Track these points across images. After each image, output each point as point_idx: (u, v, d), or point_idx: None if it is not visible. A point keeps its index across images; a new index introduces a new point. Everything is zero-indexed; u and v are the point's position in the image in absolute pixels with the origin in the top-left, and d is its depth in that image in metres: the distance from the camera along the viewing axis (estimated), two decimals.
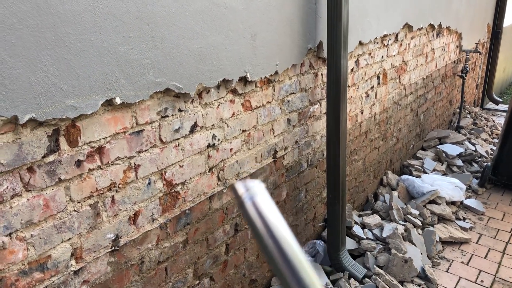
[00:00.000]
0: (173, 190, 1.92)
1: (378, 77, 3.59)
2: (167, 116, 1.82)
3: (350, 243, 3.07)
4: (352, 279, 2.77)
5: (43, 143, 1.40)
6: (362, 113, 3.44)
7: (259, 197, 0.65)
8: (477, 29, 6.17)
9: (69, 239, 1.53)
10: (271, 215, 0.65)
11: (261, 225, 0.67)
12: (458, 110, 6.05)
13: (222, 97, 2.08)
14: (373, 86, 3.53)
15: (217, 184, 2.16)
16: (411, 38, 4.04)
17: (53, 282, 1.51)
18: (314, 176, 3.00)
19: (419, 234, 3.29)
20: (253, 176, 2.39)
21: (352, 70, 3.15)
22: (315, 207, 3.10)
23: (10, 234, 1.36)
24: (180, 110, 1.87)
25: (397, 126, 4.17)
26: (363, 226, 3.30)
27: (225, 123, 2.13)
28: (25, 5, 1.27)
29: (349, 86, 3.15)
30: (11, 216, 1.35)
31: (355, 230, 3.16)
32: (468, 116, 6.19)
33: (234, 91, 2.13)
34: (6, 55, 1.24)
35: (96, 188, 1.59)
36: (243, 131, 2.26)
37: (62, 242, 1.51)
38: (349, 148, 3.33)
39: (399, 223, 3.35)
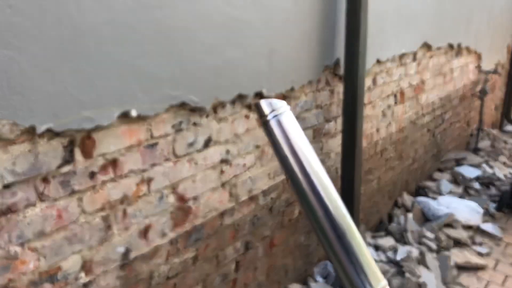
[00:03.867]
0: (185, 205, 1.91)
1: (395, 96, 3.56)
2: (182, 129, 1.81)
3: None
4: None
5: (59, 153, 1.40)
6: (378, 131, 3.40)
7: (284, 116, 0.60)
8: (496, 50, 6.11)
9: (80, 251, 1.53)
10: (297, 136, 0.59)
11: (286, 146, 0.62)
12: (476, 131, 5.96)
13: (237, 112, 2.07)
14: (390, 105, 3.49)
15: (229, 200, 2.14)
16: (430, 57, 4.01)
17: None
18: None
19: (434, 258, 3.21)
20: (265, 193, 2.37)
21: (368, 88, 3.13)
22: None
23: (22, 244, 1.36)
24: (195, 124, 1.87)
25: (414, 146, 4.12)
26: (377, 248, 3.23)
27: (239, 138, 2.12)
28: (48, 18, 1.28)
29: (365, 104, 3.12)
30: (24, 226, 1.35)
31: None
32: (486, 138, 6.09)
33: (249, 107, 2.13)
34: (27, 66, 1.26)
35: (109, 201, 1.59)
36: (257, 147, 2.24)
37: (72, 253, 1.51)
38: (363, 167, 3.29)
39: (414, 246, 3.28)
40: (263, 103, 0.60)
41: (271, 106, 0.59)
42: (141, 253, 1.75)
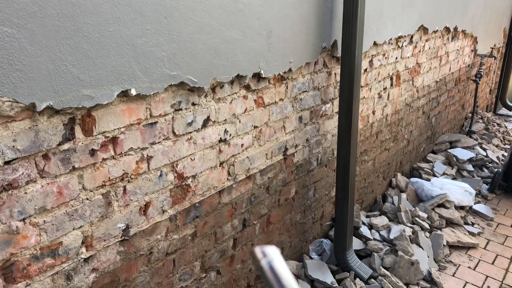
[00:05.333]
0: (184, 183, 1.93)
1: (391, 79, 3.57)
2: (181, 109, 1.83)
3: (357, 243, 3.07)
4: (357, 279, 2.77)
5: (59, 131, 1.41)
6: (374, 114, 3.43)
7: (275, 262, 0.71)
8: (493, 34, 6.11)
9: (81, 227, 1.56)
10: (287, 279, 0.71)
11: (278, 285, 0.73)
12: (470, 114, 6.01)
13: (235, 93, 2.08)
14: (385, 87, 3.51)
15: (227, 178, 2.17)
16: (426, 41, 4.02)
17: (63, 268, 1.53)
18: (324, 175, 3.00)
19: (427, 237, 3.28)
20: (263, 172, 2.40)
21: (365, 70, 3.14)
22: (323, 206, 3.10)
23: (23, 220, 1.38)
24: (193, 104, 1.88)
25: (409, 128, 4.16)
26: (371, 227, 3.29)
27: (237, 118, 2.14)
28: None
29: (362, 87, 3.14)
30: (25, 201, 1.37)
31: (362, 231, 3.16)
32: (480, 121, 6.14)
33: (247, 87, 2.14)
34: (26, 43, 1.26)
35: (109, 178, 1.61)
36: (255, 127, 2.26)
37: (73, 229, 1.53)
38: (359, 148, 3.33)
39: (407, 225, 3.34)
40: (257, 250, 0.71)
41: (263, 253, 0.70)
42: (141, 229, 1.78)
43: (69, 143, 1.46)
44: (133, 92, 1.59)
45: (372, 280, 2.81)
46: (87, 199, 1.56)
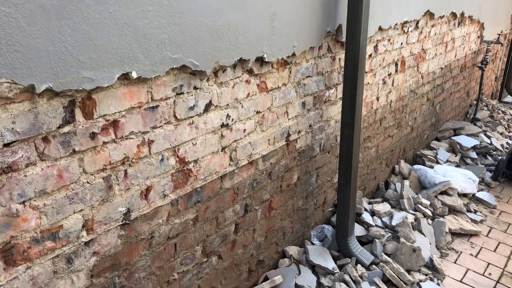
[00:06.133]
0: (185, 168, 1.92)
1: (396, 64, 3.53)
2: (183, 93, 1.81)
3: (358, 230, 3.07)
4: (359, 265, 2.77)
5: (59, 113, 1.40)
6: (378, 100, 3.40)
7: None
8: (500, 20, 6.02)
9: (81, 210, 1.55)
10: None
11: None
12: (475, 102, 5.95)
13: (238, 77, 2.06)
14: (390, 73, 3.47)
15: (229, 164, 2.16)
16: (432, 26, 3.96)
17: (64, 251, 1.53)
18: (326, 161, 2.98)
19: (429, 224, 3.27)
20: (265, 158, 2.38)
21: (370, 55, 3.10)
22: (325, 192, 3.09)
23: (23, 202, 1.37)
24: (195, 88, 1.86)
25: (413, 115, 4.12)
26: (373, 213, 3.29)
27: (240, 103, 2.11)
28: None
29: (366, 72, 3.10)
30: (25, 184, 1.36)
31: (364, 217, 3.15)
32: (485, 108, 6.09)
33: (250, 72, 2.11)
34: (24, 23, 1.24)
35: (110, 161, 1.60)
36: (257, 112, 2.24)
37: (74, 213, 1.53)
38: (362, 134, 3.30)
39: (409, 212, 3.33)
40: None
41: None
42: (142, 213, 1.77)
43: (69, 126, 1.44)
44: (134, 75, 1.57)
45: (374, 266, 2.81)
46: (88, 182, 1.55)
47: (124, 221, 1.71)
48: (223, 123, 2.05)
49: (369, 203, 3.46)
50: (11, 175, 1.33)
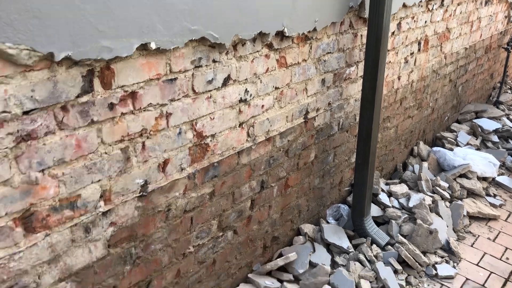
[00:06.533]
0: (203, 142, 1.91)
1: (419, 43, 3.44)
2: (201, 66, 1.78)
3: (375, 210, 3.05)
4: (374, 245, 2.76)
5: (78, 82, 1.39)
6: (399, 79, 3.32)
7: None
8: None
9: (99, 180, 1.55)
10: None
11: None
12: (499, 84, 5.80)
13: (257, 51, 2.02)
14: (413, 52, 3.39)
15: (247, 140, 2.14)
16: (458, 4, 3.83)
17: (82, 220, 1.54)
18: (344, 140, 2.94)
19: (447, 207, 3.23)
20: (282, 135, 2.36)
21: (393, 33, 3.02)
22: (342, 172, 3.06)
23: (42, 171, 1.38)
24: (214, 61, 1.83)
25: (434, 96, 4.03)
26: (390, 194, 3.25)
27: (259, 78, 2.08)
28: None
29: (388, 50, 3.03)
30: (44, 153, 1.37)
31: (381, 198, 3.13)
32: (509, 91, 5.93)
33: (270, 46, 2.07)
34: None
35: (128, 133, 1.59)
36: (276, 88, 2.21)
37: (92, 183, 1.53)
38: (382, 114, 3.25)
39: (427, 194, 3.29)
40: None
41: None
42: (159, 186, 1.78)
43: (88, 95, 1.43)
44: (153, 45, 1.55)
45: (389, 247, 2.80)
46: (106, 153, 1.55)
47: (141, 193, 1.72)
48: (241, 98, 2.02)
49: (386, 184, 3.43)
50: (31, 143, 1.33)
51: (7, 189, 1.31)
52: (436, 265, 2.75)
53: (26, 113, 1.29)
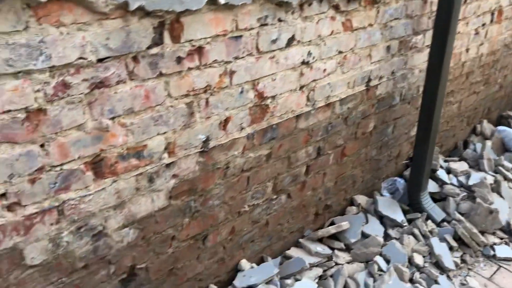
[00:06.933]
0: (263, 103, 1.91)
1: (492, 14, 3.23)
2: (267, 24, 1.76)
3: (432, 186, 2.95)
4: (429, 221, 2.69)
5: (149, 34, 1.41)
6: (467, 52, 3.15)
7: None
8: None
9: (164, 133, 1.59)
10: None
11: None
12: None
13: (323, 12, 1.97)
14: (484, 24, 3.19)
15: (306, 104, 2.12)
16: None
17: (146, 170, 1.59)
18: (405, 112, 2.85)
19: (510, 188, 3.07)
20: (342, 102, 2.31)
21: (465, 1, 2.85)
22: (400, 145, 2.98)
23: (113, 118, 1.43)
24: (280, 20, 1.81)
25: (503, 72, 3.80)
26: (449, 171, 3.14)
27: (323, 40, 2.04)
28: None
29: (458, 20, 2.86)
30: (115, 101, 1.42)
31: (439, 174, 3.02)
32: None
33: (336, 7, 2.01)
34: None
35: (193, 88, 1.62)
36: (340, 52, 2.15)
37: (157, 134, 1.58)
38: (446, 88, 3.10)
39: (489, 174, 3.14)
40: None
41: None
42: (220, 143, 1.80)
43: (158, 47, 1.46)
44: (222, 0, 1.55)
45: (445, 224, 2.72)
46: (172, 106, 1.58)
47: (202, 149, 1.75)
48: (303, 60, 1.99)
49: (445, 161, 3.31)
50: (103, 90, 1.38)
51: (81, 133, 1.37)
52: (494, 245, 2.65)
53: (100, 60, 1.34)
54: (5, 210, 1.29)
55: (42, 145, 1.30)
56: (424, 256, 2.47)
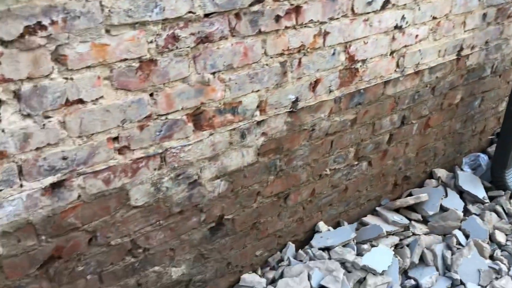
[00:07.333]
0: (353, 66, 1.90)
1: None
2: None
3: None
4: None
5: None
6: None
7: None
8: None
9: (258, 90, 1.64)
10: None
11: None
12: None
13: None
14: None
15: (395, 70, 2.08)
16: None
17: (239, 126, 1.66)
18: (495, 86, 2.71)
19: None
20: (432, 70, 2.24)
21: None
22: (486, 120, 2.85)
23: (214, 73, 1.49)
24: None
25: None
26: None
27: (417, 5, 1.97)
28: None
29: None
30: (216, 56, 1.47)
31: None
32: None
33: None
34: None
35: (288, 47, 1.64)
36: (433, 18, 2.07)
37: (252, 91, 1.63)
38: None
39: None
40: None
41: None
42: (308, 104, 1.82)
43: (259, 5, 1.49)
44: None
45: None
46: (267, 64, 1.62)
47: (291, 109, 1.78)
48: (396, 24, 1.94)
49: None
50: (207, 45, 1.44)
51: (185, 86, 1.45)
52: None
53: (206, 15, 1.39)
54: (116, 152, 1.40)
55: (151, 94, 1.39)
56: (507, 235, 2.39)
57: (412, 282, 2.10)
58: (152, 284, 1.71)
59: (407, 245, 2.26)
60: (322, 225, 2.20)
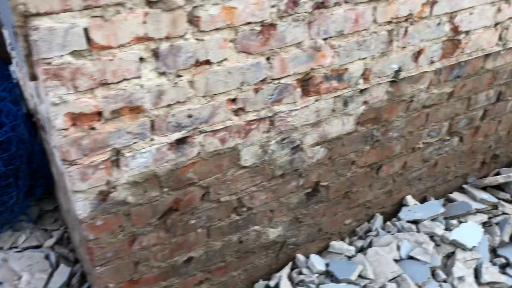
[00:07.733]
0: (456, 38, 1.86)
1: None
2: None
3: None
4: None
5: None
6: None
7: None
8: None
9: (364, 58, 1.65)
10: None
11: None
12: None
13: None
14: None
15: (497, 43, 2.01)
16: None
17: (343, 93, 1.68)
18: None
19: None
20: None
21: None
22: None
23: (325, 39, 1.52)
24: None
25: None
26: None
27: None
28: None
29: None
30: (330, 22, 1.49)
31: None
32: None
33: None
34: None
35: (396, 16, 1.63)
36: None
37: (358, 59, 1.64)
38: None
39: None
40: None
41: None
42: (409, 75, 1.81)
43: None
44: None
45: None
46: (375, 32, 1.62)
47: (393, 79, 1.78)
48: None
49: None
50: (322, 11, 1.46)
51: (298, 51, 1.48)
52: None
53: None
54: (233, 114, 1.47)
55: (268, 58, 1.44)
56: None
57: (503, 260, 2.07)
58: (251, 242, 1.79)
59: (496, 224, 2.22)
60: (410, 199, 2.20)
